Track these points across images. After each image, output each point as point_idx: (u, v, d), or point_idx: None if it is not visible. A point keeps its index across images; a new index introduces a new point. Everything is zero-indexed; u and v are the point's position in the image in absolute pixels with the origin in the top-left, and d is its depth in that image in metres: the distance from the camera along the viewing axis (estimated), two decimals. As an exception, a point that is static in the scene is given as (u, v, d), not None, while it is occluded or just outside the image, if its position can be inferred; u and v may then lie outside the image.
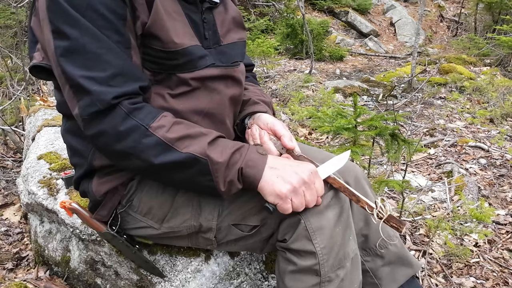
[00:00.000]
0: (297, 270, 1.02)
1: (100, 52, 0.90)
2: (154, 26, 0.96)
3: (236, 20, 1.19)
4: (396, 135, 1.83)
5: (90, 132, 0.94)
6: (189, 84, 1.03)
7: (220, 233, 1.10)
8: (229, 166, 0.95)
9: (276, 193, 0.95)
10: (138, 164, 0.95)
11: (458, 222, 2.01)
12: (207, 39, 1.08)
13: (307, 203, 0.98)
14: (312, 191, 0.97)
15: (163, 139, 0.93)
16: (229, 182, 0.95)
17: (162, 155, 0.93)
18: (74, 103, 0.93)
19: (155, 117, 0.95)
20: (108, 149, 0.96)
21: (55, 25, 0.90)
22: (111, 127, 0.92)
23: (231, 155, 0.95)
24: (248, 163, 0.95)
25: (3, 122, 3.16)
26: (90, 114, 0.92)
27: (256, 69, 5.25)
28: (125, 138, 0.92)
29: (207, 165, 0.94)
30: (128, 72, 0.94)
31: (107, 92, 0.90)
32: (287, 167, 0.98)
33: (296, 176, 0.96)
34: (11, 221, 2.10)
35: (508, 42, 5.28)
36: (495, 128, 3.55)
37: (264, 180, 0.95)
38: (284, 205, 0.96)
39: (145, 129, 0.93)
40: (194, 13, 1.06)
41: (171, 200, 1.08)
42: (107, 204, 1.10)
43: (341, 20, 9.20)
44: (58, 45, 0.90)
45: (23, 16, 5.50)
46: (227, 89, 1.11)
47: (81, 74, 0.90)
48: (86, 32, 0.89)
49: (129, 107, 0.93)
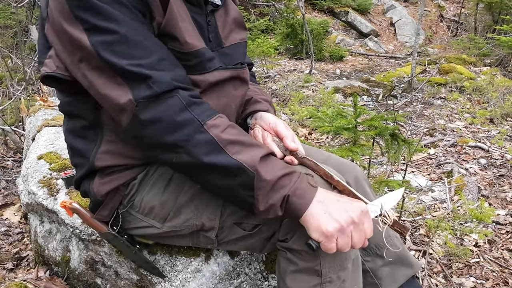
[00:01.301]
0: (298, 270, 1.02)
1: (140, 40, 0.90)
2: (169, 26, 0.95)
3: (237, 21, 1.19)
4: (396, 135, 1.83)
5: (144, 117, 0.90)
6: (200, 86, 1.02)
7: (222, 232, 1.10)
8: (275, 189, 0.90)
9: (321, 230, 0.89)
10: (185, 159, 0.92)
11: (458, 222, 2.01)
12: (211, 42, 1.08)
13: (354, 244, 0.92)
14: (360, 232, 0.92)
15: (216, 138, 0.91)
16: (270, 205, 0.91)
17: (212, 154, 0.90)
18: (125, 91, 0.90)
19: (211, 115, 0.94)
20: (157, 139, 0.92)
21: (87, 22, 0.88)
22: (167, 115, 0.90)
23: (280, 177, 0.91)
24: (296, 191, 0.91)
25: (3, 122, 3.16)
26: (147, 97, 0.89)
27: (256, 69, 5.25)
28: (179, 129, 0.90)
29: (252, 179, 0.90)
30: (170, 57, 0.94)
31: (161, 75, 0.90)
32: (337, 203, 0.92)
33: (346, 215, 0.90)
34: (11, 221, 2.10)
35: (508, 42, 5.28)
36: (495, 128, 3.55)
37: (310, 213, 0.90)
38: (328, 244, 0.90)
39: (200, 125, 0.91)
40: (199, 16, 1.06)
41: (173, 199, 1.08)
42: (108, 204, 1.10)
43: (341, 20, 9.20)
44: (97, 40, 0.89)
45: (23, 16, 5.50)
46: (234, 91, 1.11)
47: (129, 63, 0.89)
48: (121, 23, 0.88)
49: (188, 99, 0.92)
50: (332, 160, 1.27)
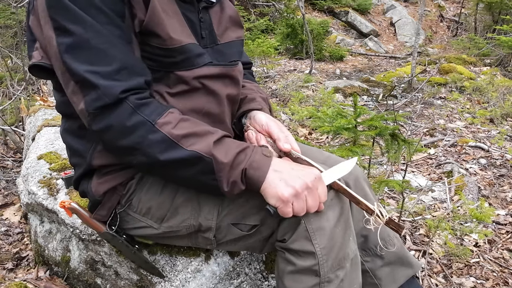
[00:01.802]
0: (297, 270, 1.02)
1: (104, 47, 0.91)
2: (151, 23, 0.96)
3: (233, 19, 1.19)
4: (396, 135, 1.83)
5: (96, 127, 0.94)
6: (187, 82, 1.03)
7: (220, 233, 1.10)
8: (233, 167, 0.94)
9: (278, 196, 0.94)
10: (142, 160, 0.95)
11: (458, 222, 2.01)
12: (204, 38, 1.08)
13: (308, 208, 0.97)
14: (314, 197, 0.97)
15: (169, 135, 0.93)
16: (232, 182, 0.95)
17: (167, 151, 0.93)
18: (80, 98, 0.93)
19: (161, 113, 0.95)
20: (113, 144, 0.95)
21: (57, 22, 0.90)
22: (117, 122, 0.92)
23: (235, 156, 0.95)
24: (253, 164, 0.95)
25: (3, 122, 3.16)
26: (96, 108, 0.91)
27: (256, 69, 5.25)
28: (131, 133, 0.92)
29: (211, 164, 0.93)
30: (132, 66, 0.95)
31: (114, 86, 0.91)
32: (291, 171, 0.97)
33: (299, 181, 0.95)
34: (11, 221, 2.10)
35: (508, 42, 5.28)
36: (495, 128, 3.55)
37: (267, 182, 0.95)
38: (285, 209, 0.95)
39: (151, 125, 0.93)
40: (191, 12, 1.06)
41: (170, 200, 1.08)
42: (106, 204, 1.10)
43: (341, 20, 9.20)
44: (62, 42, 0.90)
45: (23, 16, 5.50)
46: (225, 89, 1.11)
47: (86, 69, 0.90)
48: (89, 27, 0.89)
49: (136, 102, 0.93)
50: (332, 160, 1.27)
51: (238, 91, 1.19)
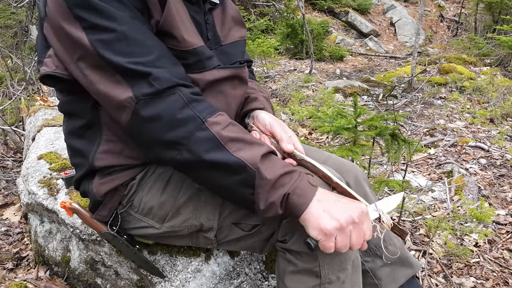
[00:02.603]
0: (297, 271, 1.02)
1: (139, 38, 0.90)
2: (167, 24, 0.95)
3: (236, 19, 1.19)
4: (396, 135, 1.83)
5: (145, 113, 0.89)
6: (198, 84, 1.02)
7: (221, 233, 1.10)
8: (276, 187, 0.90)
9: (320, 228, 0.89)
10: (185, 156, 0.91)
11: (458, 222, 2.01)
12: (209, 40, 1.08)
13: (352, 245, 0.91)
14: (359, 233, 0.91)
15: (217, 135, 0.91)
16: (270, 203, 0.90)
17: (212, 152, 0.90)
18: (125, 88, 0.90)
19: (212, 112, 0.93)
20: (158, 136, 0.91)
21: (86, 21, 0.89)
22: (168, 112, 0.90)
23: (280, 176, 0.90)
24: (296, 190, 0.90)
25: (3, 122, 3.16)
26: (148, 94, 0.89)
27: (256, 69, 5.25)
28: (180, 126, 0.90)
29: (253, 177, 0.89)
30: (169, 55, 0.94)
31: (161, 72, 0.90)
32: (337, 202, 0.92)
33: (345, 214, 0.89)
34: (11, 221, 2.10)
35: (508, 42, 5.28)
36: (495, 128, 3.55)
37: (310, 212, 0.89)
38: (327, 243, 0.90)
39: (201, 122, 0.91)
40: (197, 14, 1.06)
41: (172, 200, 1.08)
42: (107, 204, 1.10)
43: (341, 20, 9.20)
44: (96, 39, 0.89)
45: (23, 16, 5.50)
46: (233, 90, 1.11)
47: (128, 61, 0.89)
48: (120, 21, 0.89)
49: (189, 96, 0.91)
50: (332, 160, 1.27)
51: (245, 91, 1.19)
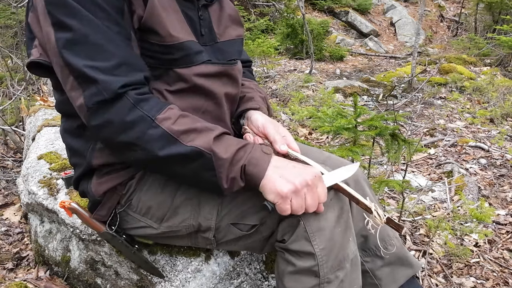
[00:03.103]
0: (296, 271, 1.02)
1: (103, 42, 0.90)
2: (150, 20, 0.96)
3: (233, 17, 1.19)
4: (396, 135, 1.83)
5: (95, 122, 0.93)
6: (186, 80, 1.03)
7: (219, 233, 1.10)
8: (233, 163, 0.94)
9: (277, 191, 0.93)
10: (142, 155, 0.94)
11: (458, 222, 2.00)
12: (203, 36, 1.08)
13: (307, 207, 0.96)
14: (313, 195, 0.96)
15: (168, 131, 0.92)
16: (231, 178, 0.94)
17: (167, 147, 0.92)
18: (79, 93, 0.92)
19: (161, 109, 0.94)
20: (112, 140, 0.95)
21: (55, 17, 0.90)
22: (117, 117, 0.91)
23: (235, 152, 0.94)
24: (252, 160, 0.94)
25: (3, 122, 3.16)
26: (96, 103, 0.91)
27: (256, 69, 5.25)
28: (131, 128, 0.92)
29: (211, 160, 0.93)
30: (131, 62, 0.95)
31: (113, 81, 0.90)
32: (292, 168, 0.97)
33: (300, 178, 0.94)
34: (11, 221, 2.10)
35: (508, 42, 5.27)
36: (495, 128, 3.55)
37: (267, 178, 0.94)
38: (283, 205, 0.94)
39: (151, 121, 0.92)
40: (190, 10, 1.07)
41: (170, 200, 1.08)
42: (106, 204, 1.10)
43: (341, 20, 9.20)
44: (60, 37, 0.90)
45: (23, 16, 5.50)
46: (223, 87, 1.11)
47: (85, 64, 0.89)
48: (87, 23, 0.89)
49: (135, 98, 0.92)
50: (332, 160, 1.27)
51: (237, 90, 1.19)
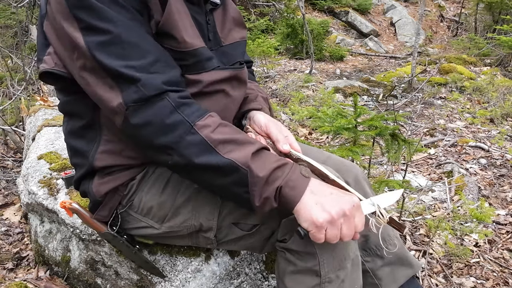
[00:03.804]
0: (297, 270, 1.02)
1: (135, 41, 0.90)
2: (167, 25, 0.95)
3: (237, 20, 1.19)
4: (396, 135, 1.83)
5: (135, 121, 0.91)
6: (197, 86, 1.02)
7: (221, 233, 1.10)
8: (269, 182, 0.91)
9: (312, 220, 0.90)
10: (177, 160, 0.93)
11: (458, 222, 2.01)
12: (210, 41, 1.08)
13: (342, 236, 0.92)
14: (350, 226, 0.92)
15: (206, 139, 0.91)
16: (265, 198, 0.91)
17: (203, 155, 0.91)
18: (116, 94, 0.91)
19: (201, 115, 0.94)
20: (149, 141, 0.93)
21: (84, 22, 0.89)
22: (157, 118, 0.90)
23: (272, 171, 0.91)
24: (289, 183, 0.91)
25: (3, 122, 3.16)
26: (136, 101, 0.90)
27: (256, 69, 5.25)
28: (170, 132, 0.91)
29: (246, 176, 0.90)
30: (165, 59, 0.94)
31: (152, 77, 0.90)
32: (329, 195, 0.93)
33: (337, 207, 0.90)
34: (11, 221, 2.10)
35: (508, 42, 5.28)
36: (495, 128, 3.55)
37: (302, 204, 0.91)
38: (317, 234, 0.91)
39: (190, 126, 0.91)
40: (199, 14, 1.06)
41: (171, 200, 1.08)
42: (107, 204, 1.10)
43: (341, 20, 9.20)
44: (91, 40, 0.89)
45: (23, 16, 5.50)
46: (232, 91, 1.11)
47: (121, 64, 0.89)
48: (117, 23, 0.89)
49: (177, 101, 0.92)
50: (332, 160, 1.27)
51: (245, 92, 1.19)
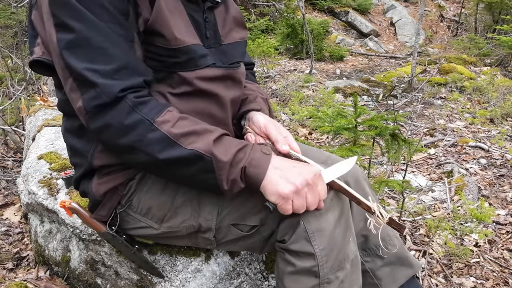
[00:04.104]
0: (296, 271, 1.02)
1: (104, 46, 0.90)
2: (156, 22, 0.95)
3: (238, 20, 1.19)
4: (396, 135, 1.83)
5: (94, 125, 0.93)
6: (190, 84, 1.02)
7: (220, 233, 1.10)
8: (233, 165, 0.94)
9: (278, 193, 0.94)
10: (142, 158, 0.94)
11: (458, 222, 2.00)
12: (208, 39, 1.08)
13: (308, 205, 0.97)
14: (314, 194, 0.97)
15: (167, 134, 0.92)
16: (232, 180, 0.94)
17: (166, 150, 0.92)
18: (78, 96, 0.92)
19: (160, 111, 0.94)
20: (112, 143, 0.95)
21: (58, 18, 0.89)
22: (116, 120, 0.91)
23: (235, 154, 0.94)
24: (252, 162, 0.95)
25: (4, 122, 3.16)
26: (94, 107, 0.91)
27: (256, 69, 5.25)
28: (130, 132, 0.92)
29: (211, 163, 0.93)
30: (132, 66, 0.94)
31: (112, 84, 0.90)
32: (292, 168, 0.97)
33: (300, 177, 0.95)
34: (11, 221, 2.10)
35: (508, 42, 5.27)
36: (495, 128, 3.55)
37: (267, 179, 0.95)
38: (285, 206, 0.95)
39: (149, 124, 0.92)
40: (196, 12, 1.06)
41: (170, 200, 1.08)
42: (106, 204, 1.10)
43: (341, 20, 9.19)
44: (62, 38, 0.90)
45: (23, 16, 5.50)
46: (226, 90, 1.11)
47: (85, 67, 0.89)
48: (90, 25, 0.89)
49: (134, 101, 0.92)
50: (332, 160, 1.26)
51: (240, 93, 1.19)
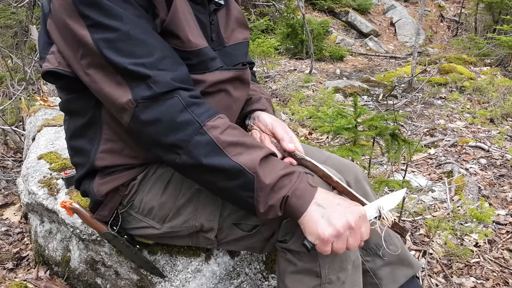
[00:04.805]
0: (298, 271, 1.02)
1: (143, 38, 0.90)
2: (172, 24, 0.95)
3: (240, 20, 1.19)
4: (396, 135, 1.83)
5: (145, 117, 0.90)
6: (201, 86, 1.02)
7: (221, 233, 1.10)
8: (275, 190, 0.90)
9: (318, 234, 0.90)
10: (184, 159, 0.92)
11: (458, 222, 2.00)
12: (213, 41, 1.08)
13: (348, 247, 0.92)
14: (356, 237, 0.92)
15: (215, 140, 0.91)
16: (270, 206, 0.91)
17: (211, 156, 0.90)
18: (125, 90, 0.90)
19: (211, 116, 0.93)
20: (158, 139, 0.92)
21: (91, 19, 0.88)
22: (167, 116, 0.90)
23: (279, 178, 0.91)
24: (296, 192, 0.90)
25: (4, 122, 3.16)
26: (147, 98, 0.89)
27: (256, 69, 5.25)
28: (179, 130, 0.90)
29: (252, 182, 0.90)
30: (172, 56, 0.94)
31: (162, 74, 0.90)
32: (336, 206, 0.91)
33: (343, 220, 0.89)
34: (11, 221, 2.10)
35: (508, 42, 5.28)
36: (495, 128, 3.55)
37: (308, 215, 0.90)
38: (323, 248, 0.91)
39: (199, 126, 0.91)
40: (202, 14, 1.06)
41: (172, 201, 1.08)
42: (108, 204, 1.10)
43: (341, 20, 9.20)
44: (99, 38, 0.88)
45: (23, 16, 5.50)
46: (235, 92, 1.11)
47: (131, 62, 0.88)
48: (125, 20, 0.88)
49: (187, 100, 0.91)
50: (332, 160, 1.27)
51: (247, 93, 1.19)
